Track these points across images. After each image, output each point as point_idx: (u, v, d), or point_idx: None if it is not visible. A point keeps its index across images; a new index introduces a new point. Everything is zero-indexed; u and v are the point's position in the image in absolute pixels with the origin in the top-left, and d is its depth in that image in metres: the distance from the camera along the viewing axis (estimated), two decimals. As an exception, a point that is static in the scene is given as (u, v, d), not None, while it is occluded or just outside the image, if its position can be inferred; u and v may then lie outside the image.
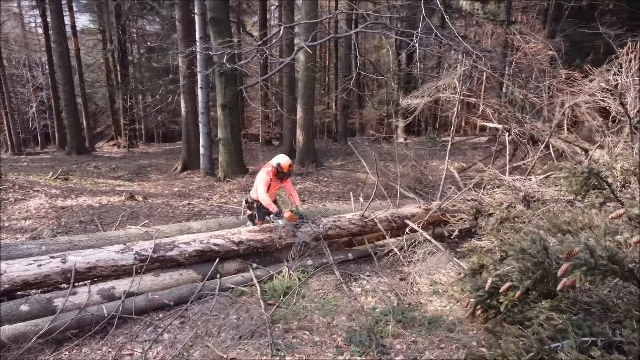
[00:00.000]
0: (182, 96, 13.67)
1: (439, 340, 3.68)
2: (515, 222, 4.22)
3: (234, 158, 10.98)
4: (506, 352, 2.85)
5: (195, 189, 10.01)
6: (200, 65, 11.01)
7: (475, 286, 3.53)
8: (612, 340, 2.87)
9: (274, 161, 5.19)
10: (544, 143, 5.50)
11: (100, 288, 4.11)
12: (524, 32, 7.50)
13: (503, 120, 6.22)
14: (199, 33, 10.76)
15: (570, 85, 5.93)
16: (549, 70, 6.49)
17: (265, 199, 4.98)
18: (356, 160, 14.62)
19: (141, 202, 8.39)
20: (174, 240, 4.59)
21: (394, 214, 5.50)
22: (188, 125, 13.87)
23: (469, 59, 5.80)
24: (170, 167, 14.78)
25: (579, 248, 2.49)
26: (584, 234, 3.28)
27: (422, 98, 5.80)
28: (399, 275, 5.03)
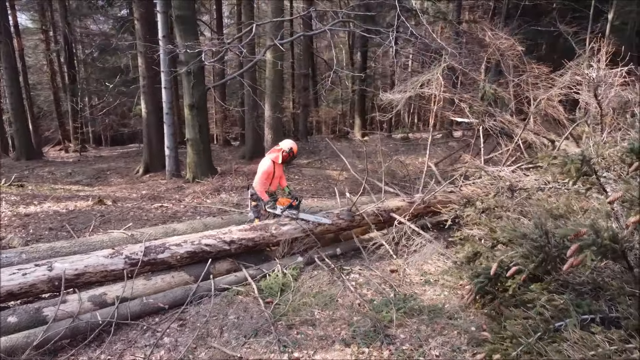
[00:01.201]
0: (143, 97, 13.23)
1: (441, 327, 3.78)
2: (503, 210, 4.39)
3: (203, 158, 10.77)
4: (516, 333, 2.96)
5: (164, 191, 9.75)
6: (164, 65, 10.72)
7: (475, 273, 3.65)
8: (609, 316, 3.04)
9: (284, 146, 5.26)
10: (519, 135, 5.76)
11: (91, 295, 3.95)
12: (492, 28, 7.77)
13: (476, 115, 6.45)
14: (162, 32, 10.46)
15: (540, 79, 6.24)
16: (518, 66, 6.80)
17: (259, 187, 5.13)
18: (323, 158, 14.73)
19: (111, 206, 8.09)
20: (164, 242, 4.47)
21: (380, 208, 5.59)
22: (149, 127, 13.44)
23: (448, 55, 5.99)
24: (131, 170, 14.30)
25: (585, 229, 2.62)
26: (579, 218, 3.47)
27: (403, 93, 5.93)
28: (389, 267, 5.11)
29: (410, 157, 13.32)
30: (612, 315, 3.07)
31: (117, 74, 20.99)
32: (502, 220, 4.53)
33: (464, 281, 4.11)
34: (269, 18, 10.38)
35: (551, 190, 4.85)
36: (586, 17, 13.25)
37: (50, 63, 24.62)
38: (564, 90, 5.75)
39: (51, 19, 22.28)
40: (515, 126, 6.73)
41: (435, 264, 5.14)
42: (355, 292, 4.39)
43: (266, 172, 5.18)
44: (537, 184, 4.76)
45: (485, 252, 4.08)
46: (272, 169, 5.22)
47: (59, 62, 23.91)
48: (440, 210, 5.36)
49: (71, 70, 21.93)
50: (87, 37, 25.14)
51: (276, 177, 5.39)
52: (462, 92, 6.34)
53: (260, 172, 5.19)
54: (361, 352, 3.44)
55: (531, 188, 4.79)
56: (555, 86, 5.78)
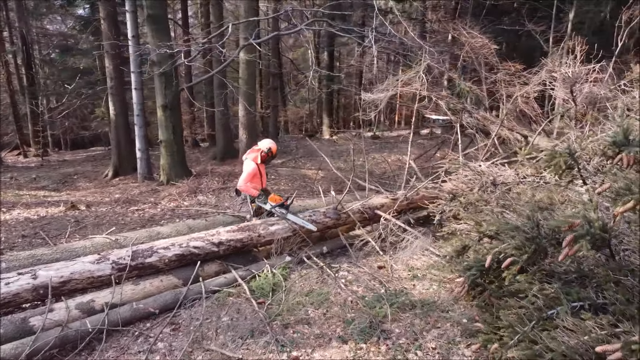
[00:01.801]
0: (111, 98, 12.89)
1: (434, 320, 3.86)
2: (486, 204, 4.51)
3: (177, 160, 10.59)
4: (512, 322, 3.06)
5: (138, 195, 9.54)
6: (134, 65, 10.48)
7: (467, 266, 3.74)
8: (597, 303, 3.17)
9: (262, 146, 5.33)
10: (496, 131, 5.94)
11: (79, 302, 3.84)
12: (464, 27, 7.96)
13: (453, 112, 6.60)
14: (131, 31, 10.22)
15: (514, 77, 6.45)
16: (491, 63, 7.00)
17: (244, 187, 5.17)
18: (296, 157, 14.71)
19: (85, 211, 7.86)
20: (151, 246, 4.38)
21: (365, 205, 5.64)
22: (118, 129, 13.12)
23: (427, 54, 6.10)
24: (99, 174, 13.91)
25: (579, 221, 2.74)
26: (564, 209, 3.60)
27: (386, 92, 6.01)
28: (376, 263, 5.17)
29: (383, 154, 13.47)
30: (599, 301, 3.20)
31: (79, 75, 20.25)
32: (486, 214, 4.67)
33: (454, 274, 4.20)
34: (242, 17, 10.29)
35: (529, 183, 5.02)
36: (547, 16, 13.72)
37: (5, 65, 23.54)
38: (539, 87, 5.96)
39: (6, 19, 21.34)
40: (490, 122, 6.93)
41: (421, 259, 5.24)
42: (347, 290, 4.43)
43: (251, 173, 5.20)
44: (517, 178, 4.91)
45: (473, 245, 4.18)
46: (257, 169, 5.24)
47: (16, 64, 22.93)
48: (423, 206, 5.47)
49: (29, 71, 21.08)
50: (45, 38, 24.21)
51: (263, 175, 5.43)
52: (438, 90, 6.47)
53: (245, 173, 5.20)
54: (359, 348, 3.47)
55: (512, 182, 4.94)
56: (531, 83, 5.99)
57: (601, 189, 2.93)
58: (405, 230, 5.16)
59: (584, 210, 2.81)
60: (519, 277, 3.69)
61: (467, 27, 7.30)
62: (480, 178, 4.61)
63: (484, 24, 14.02)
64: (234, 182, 10.38)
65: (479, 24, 13.27)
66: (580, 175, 3.83)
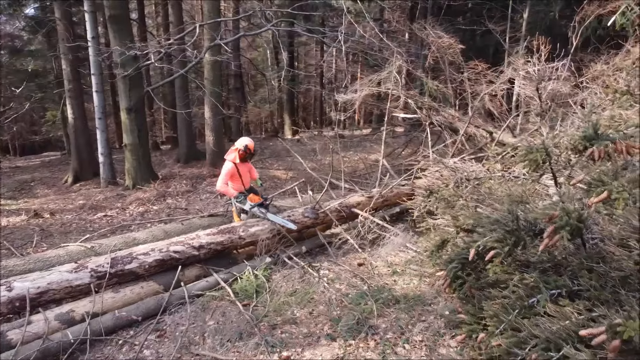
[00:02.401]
0: (69, 102, 12.42)
1: (418, 314, 3.96)
2: (460, 199, 4.66)
3: (143, 164, 10.32)
4: (497, 312, 3.18)
5: (103, 200, 9.25)
6: (95, 68, 10.15)
7: (449, 259, 3.85)
8: (573, 290, 3.34)
9: (239, 144, 5.34)
10: (464, 128, 6.13)
11: (58, 313, 3.71)
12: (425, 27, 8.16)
13: (423, 110, 6.77)
14: (91, 32, 9.88)
15: (480, 75, 6.68)
16: (459, 63, 7.21)
17: (220, 188, 5.24)
18: (263, 158, 14.62)
19: (49, 219, 7.56)
20: (131, 252, 4.28)
21: (342, 204, 5.70)
22: (77, 133, 12.66)
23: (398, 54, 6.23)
24: (58, 180, 13.39)
25: (557, 212, 2.88)
26: (538, 202, 3.77)
27: (360, 92, 6.08)
28: (356, 261, 5.24)
29: (349, 154, 13.60)
30: (574, 288, 3.36)
31: (30, 77, 19.37)
32: (460, 209, 4.82)
33: (435, 268, 4.31)
34: (206, 17, 10.15)
35: (499, 178, 5.22)
36: (504, 16, 14.22)
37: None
38: (505, 85, 6.20)
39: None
40: (457, 120, 7.14)
41: (399, 255, 5.35)
42: (331, 288, 4.47)
43: (227, 173, 5.24)
44: (488, 173, 5.09)
45: (451, 239, 4.32)
46: (235, 169, 5.25)
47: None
48: (400, 202, 5.57)
49: (-26, 75, 20.03)
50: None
51: (244, 175, 5.42)
52: (407, 89, 6.61)
53: (221, 174, 5.24)
54: (348, 345, 3.52)
55: (484, 177, 5.12)
56: (497, 81, 6.22)
57: (576, 180, 3.10)
58: (383, 228, 5.25)
59: (561, 202, 2.96)
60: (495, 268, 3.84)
61: (430, 27, 7.49)
62: (455, 174, 4.75)
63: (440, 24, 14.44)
64: (202, 184, 10.26)
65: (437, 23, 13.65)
66: (551, 169, 4.02)
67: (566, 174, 4.00)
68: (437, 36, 7.07)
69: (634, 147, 3.26)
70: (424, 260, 4.73)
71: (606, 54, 7.30)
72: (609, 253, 3.45)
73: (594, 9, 8.29)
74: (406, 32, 9.86)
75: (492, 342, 3.09)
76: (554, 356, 2.71)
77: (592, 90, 5.20)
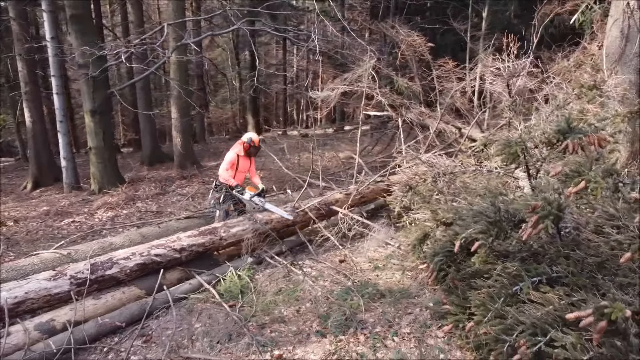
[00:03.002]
0: (26, 105, 11.93)
1: (404, 307, 4.03)
2: (437, 193, 4.78)
3: (109, 167, 10.02)
4: (484, 301, 3.29)
5: (68, 206, 8.92)
6: (54, 69, 9.78)
7: (434, 252, 3.94)
8: (552, 276, 3.49)
9: (244, 138, 5.52)
10: (436, 125, 6.28)
11: (37, 323, 3.58)
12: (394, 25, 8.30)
13: (394, 108, 6.88)
14: (50, 32, 9.50)
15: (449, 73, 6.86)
16: (428, 61, 7.37)
17: (224, 175, 5.38)
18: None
19: (13, 227, 7.24)
20: (111, 257, 4.16)
21: (321, 202, 5.74)
22: (36, 137, 12.17)
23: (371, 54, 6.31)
24: (16, 186, 12.84)
25: (539, 202, 3.01)
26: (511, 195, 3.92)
27: (336, 90, 6.12)
28: (337, 258, 5.28)
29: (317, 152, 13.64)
30: (553, 275, 3.51)
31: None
32: (437, 203, 4.95)
33: (418, 262, 4.40)
34: (171, 17, 9.95)
35: (473, 172, 5.38)
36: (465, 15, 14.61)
37: None
38: (476, 82, 6.39)
39: None
40: (428, 117, 7.30)
41: (378, 251, 5.42)
42: (315, 285, 4.49)
43: (230, 162, 5.43)
44: (462, 167, 5.23)
45: (432, 233, 4.42)
46: (236, 160, 5.46)
47: None
48: (376, 199, 5.65)
49: None
50: None
51: (240, 171, 5.55)
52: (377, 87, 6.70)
53: (224, 161, 5.45)
54: (339, 340, 3.55)
55: (458, 172, 5.26)
56: (467, 78, 6.41)
57: (555, 172, 3.24)
58: (362, 224, 5.32)
59: (541, 192, 3.10)
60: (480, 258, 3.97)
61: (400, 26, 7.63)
62: (432, 169, 4.87)
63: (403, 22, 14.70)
64: (172, 187, 10.08)
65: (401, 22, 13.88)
66: (526, 162, 4.18)
67: (538, 167, 4.16)
68: (407, 35, 7.23)
69: (605, 140, 3.44)
70: (405, 254, 4.82)
71: (561, 51, 7.65)
72: (585, 240, 3.62)
73: (553, 8, 8.67)
74: (366, 32, 9.96)
75: (481, 330, 3.20)
76: (541, 340, 2.82)
77: (558, 85, 5.44)
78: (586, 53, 7.35)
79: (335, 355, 3.38)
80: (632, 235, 2.87)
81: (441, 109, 6.64)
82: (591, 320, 2.48)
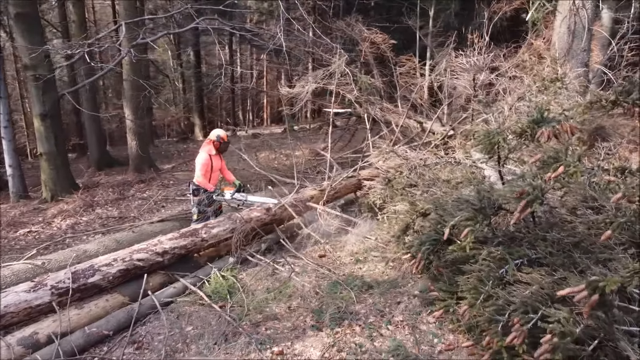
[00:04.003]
0: (-37, 109, 11.12)
1: (393, 296, 4.15)
2: (419, 185, 4.94)
3: (62, 173, 9.52)
4: (475, 285, 3.45)
5: (19, 216, 8.42)
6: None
7: (421, 242, 4.08)
8: (532, 258, 3.71)
9: (212, 136, 5.47)
10: (402, 120, 6.47)
11: (20, 337, 3.39)
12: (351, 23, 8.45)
13: (360, 104, 7.01)
14: (-12, 32, 8.93)
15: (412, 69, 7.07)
16: (390, 58, 7.55)
17: (202, 180, 5.31)
18: (187, 161, 14.14)
19: (-37, 240, 6.75)
20: (92, 264, 4.00)
21: (297, 199, 5.76)
22: (-25, 145, 11.39)
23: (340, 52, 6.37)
24: (-48, 198, 11.96)
25: (527, 188, 3.19)
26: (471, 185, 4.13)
27: (306, 87, 6.14)
28: (316, 253, 5.32)
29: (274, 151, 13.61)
30: (533, 257, 3.73)
31: None
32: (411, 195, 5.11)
33: (401, 252, 4.53)
34: (122, 16, 9.59)
35: (444, 164, 5.60)
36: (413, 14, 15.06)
37: None
38: (441, 77, 6.63)
39: None
40: (391, 112, 7.49)
41: (356, 245, 5.51)
42: (302, 281, 4.52)
43: (204, 164, 5.33)
44: (435, 159, 5.43)
45: (413, 224, 4.56)
46: (209, 161, 5.37)
47: None
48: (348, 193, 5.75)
49: None
50: None
51: (214, 171, 5.42)
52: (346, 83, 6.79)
53: (198, 165, 5.37)
54: (335, 333, 3.61)
55: (431, 164, 5.46)
56: (431, 74, 6.64)
57: (534, 159, 3.44)
58: (341, 218, 5.40)
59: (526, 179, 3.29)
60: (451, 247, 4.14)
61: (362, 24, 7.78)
62: (407, 162, 5.02)
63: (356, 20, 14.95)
64: (130, 191, 9.74)
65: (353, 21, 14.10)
66: (498, 152, 4.40)
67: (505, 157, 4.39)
68: (370, 32, 7.38)
69: (576, 128, 3.69)
70: (387, 246, 4.94)
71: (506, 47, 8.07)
72: (559, 222, 3.88)
73: (501, 6, 9.12)
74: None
75: (474, 313, 3.35)
76: (533, 317, 3.00)
77: (518, 79, 5.76)
78: (532, 49, 7.81)
79: (335, 347, 3.43)
80: (612, 215, 3.10)
81: (407, 105, 6.84)
82: (585, 295, 2.67)
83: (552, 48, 7.49)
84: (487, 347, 3.29)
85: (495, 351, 3.24)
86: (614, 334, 2.95)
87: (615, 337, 2.94)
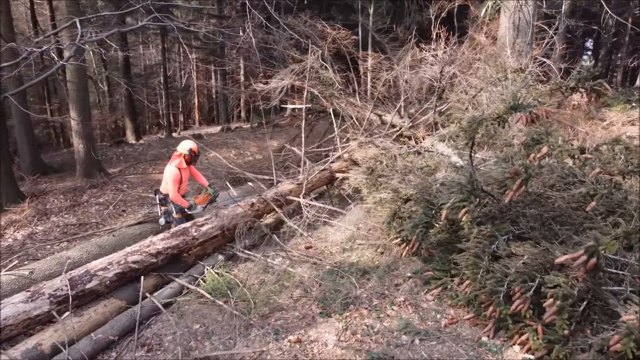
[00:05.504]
0: None
1: (390, 279, 4.34)
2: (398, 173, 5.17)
3: (7, 182, 8.83)
4: (475, 261, 3.70)
5: (-38, 230, 7.77)
6: None
7: (414, 225, 4.29)
8: (516, 233, 4.04)
9: (182, 149, 5.15)
10: (369, 113, 6.69)
11: (24, 350, 3.24)
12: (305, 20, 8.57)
13: (326, 99, 7.14)
14: None
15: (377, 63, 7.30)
16: (353, 53, 7.74)
17: (175, 197, 5.03)
18: (134, 163, 13.60)
19: None
20: (87, 269, 3.86)
21: (277, 193, 5.82)
22: None
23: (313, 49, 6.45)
24: None
25: (520, 167, 3.48)
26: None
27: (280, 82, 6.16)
28: (302, 245, 5.41)
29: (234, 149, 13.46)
30: (517, 232, 4.06)
31: None
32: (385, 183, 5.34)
33: (390, 238, 4.73)
34: (64, 13, 9.06)
35: (414, 153, 5.89)
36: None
37: None
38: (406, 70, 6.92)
39: None
40: (354, 106, 7.70)
41: (336, 235, 5.65)
42: (297, 273, 4.60)
43: (175, 180, 4.98)
44: (407, 149, 5.70)
45: (399, 210, 4.78)
46: (179, 175, 5.02)
47: None
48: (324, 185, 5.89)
49: None
50: None
51: (184, 181, 5.19)
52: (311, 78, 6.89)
53: (169, 181, 4.99)
54: (345, 317, 3.75)
55: (404, 153, 5.71)
56: (397, 68, 6.90)
57: (519, 141, 3.75)
58: (324, 210, 5.52)
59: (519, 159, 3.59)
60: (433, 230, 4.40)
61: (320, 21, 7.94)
62: (386, 152, 5.23)
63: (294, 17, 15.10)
64: (83, 197, 9.29)
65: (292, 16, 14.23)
66: (472, 139, 4.72)
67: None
68: (332, 29, 7.54)
69: (550, 112, 4.05)
70: (372, 233, 5.12)
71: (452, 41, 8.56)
72: (540, 197, 4.24)
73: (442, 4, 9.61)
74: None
75: (477, 286, 3.60)
76: (533, 285, 3.30)
77: (479, 70, 6.16)
78: (475, 43, 8.35)
79: (348, 330, 3.57)
80: (593, 187, 3.45)
81: (369, 99, 7.06)
82: (584, 259, 2.98)
83: (498, 42, 8.01)
84: (490, 317, 3.56)
85: (499, 319, 3.52)
86: (602, 293, 3.31)
87: (604, 296, 3.31)
